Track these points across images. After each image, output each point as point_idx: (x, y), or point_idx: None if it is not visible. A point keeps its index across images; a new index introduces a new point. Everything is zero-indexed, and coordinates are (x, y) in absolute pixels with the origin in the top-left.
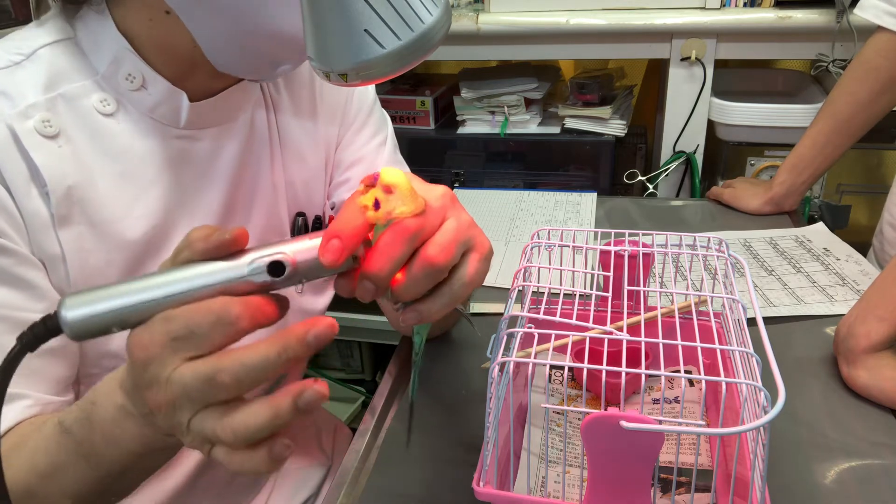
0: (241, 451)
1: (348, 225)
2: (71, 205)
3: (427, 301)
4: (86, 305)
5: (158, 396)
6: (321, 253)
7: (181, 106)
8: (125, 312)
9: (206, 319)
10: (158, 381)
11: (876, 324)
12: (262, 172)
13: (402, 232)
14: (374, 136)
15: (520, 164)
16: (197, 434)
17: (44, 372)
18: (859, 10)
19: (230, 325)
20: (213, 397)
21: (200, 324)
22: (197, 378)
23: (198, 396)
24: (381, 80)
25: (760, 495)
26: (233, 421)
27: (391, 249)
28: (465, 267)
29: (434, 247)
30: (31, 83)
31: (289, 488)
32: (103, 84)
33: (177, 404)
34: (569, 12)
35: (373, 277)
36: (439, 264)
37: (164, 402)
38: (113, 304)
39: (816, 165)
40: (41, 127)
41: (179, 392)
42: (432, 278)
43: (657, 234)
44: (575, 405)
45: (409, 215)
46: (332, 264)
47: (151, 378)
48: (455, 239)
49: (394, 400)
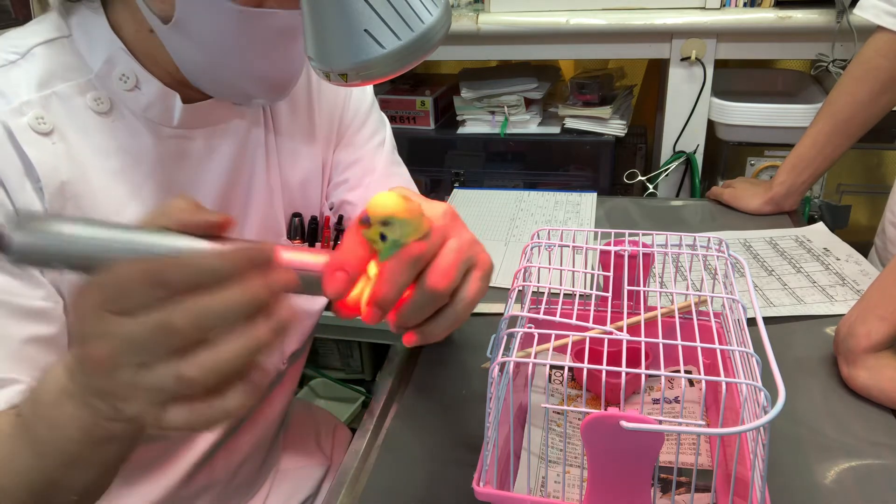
0: (207, 397)
1: (352, 256)
2: (64, 201)
3: (431, 323)
4: (37, 234)
5: (96, 351)
6: (325, 284)
7: (174, 106)
8: (73, 254)
9: (142, 279)
10: (95, 334)
11: (876, 323)
12: (257, 172)
13: (407, 258)
14: (372, 136)
15: (520, 164)
16: (149, 389)
17: (37, 361)
18: (859, 10)
19: (165, 287)
20: (165, 344)
21: (135, 283)
22: (144, 325)
23: (145, 344)
24: (381, 80)
25: (760, 495)
26: (199, 357)
27: (396, 276)
28: (466, 286)
29: (436, 273)
30: (25, 81)
31: (287, 488)
32: (97, 83)
33: (118, 356)
34: (569, 12)
35: (378, 302)
36: (442, 290)
37: (104, 355)
38: (63, 240)
39: (816, 165)
40: (35, 124)
41: (121, 342)
42: (435, 304)
43: (657, 234)
44: (575, 405)
45: (413, 239)
46: (335, 296)
47: (88, 332)
48: (457, 261)
49: (394, 400)
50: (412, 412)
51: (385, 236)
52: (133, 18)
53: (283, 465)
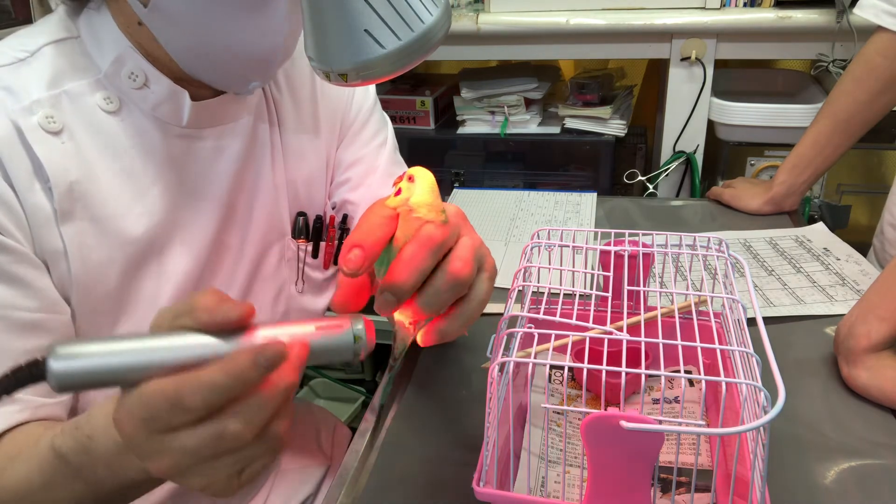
0: (245, 448)
1: (370, 235)
2: (73, 200)
3: (447, 321)
4: (74, 359)
5: (160, 466)
6: (342, 262)
7: (183, 105)
8: (112, 373)
9: (164, 404)
10: (152, 453)
11: (876, 324)
12: (263, 172)
13: (428, 242)
14: (374, 136)
15: (520, 164)
16: (212, 473)
17: None
18: (859, 10)
19: (187, 411)
20: (220, 447)
21: (160, 406)
22: (199, 437)
23: (202, 451)
24: (381, 80)
25: (760, 495)
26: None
27: (416, 260)
28: (480, 285)
29: (458, 261)
30: (35, 80)
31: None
32: (106, 82)
33: (182, 465)
34: (569, 12)
35: (395, 288)
36: (464, 277)
37: (168, 467)
38: (101, 362)
39: (816, 165)
40: (45, 123)
41: (180, 455)
42: (455, 292)
43: (657, 234)
44: (575, 405)
45: (433, 220)
46: (352, 273)
47: (144, 452)
48: (473, 255)
49: (394, 400)
50: (412, 412)
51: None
52: (123, 13)
53: (283, 465)
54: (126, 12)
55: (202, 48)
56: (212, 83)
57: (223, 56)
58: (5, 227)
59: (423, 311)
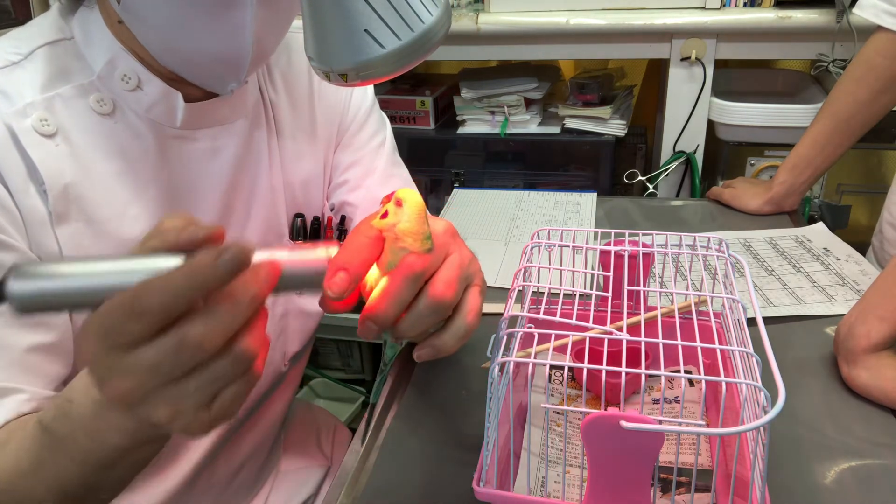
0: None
1: (355, 258)
2: (68, 203)
3: (442, 336)
4: (33, 280)
5: (121, 386)
6: (326, 285)
7: (177, 106)
8: (76, 294)
9: (122, 312)
10: (112, 371)
11: (876, 324)
12: (260, 173)
13: (408, 273)
14: (372, 137)
15: (520, 164)
16: (185, 397)
17: (40, 368)
18: (859, 10)
19: (143, 315)
20: (188, 360)
21: (119, 317)
22: (159, 349)
23: (165, 364)
24: (381, 80)
25: (760, 495)
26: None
27: (397, 292)
28: (468, 301)
29: (440, 284)
30: (29, 82)
31: (288, 488)
32: (99, 84)
33: (145, 383)
34: (569, 12)
35: (376, 318)
36: (447, 300)
37: (130, 388)
38: (64, 283)
39: (816, 165)
40: (39, 126)
41: (142, 370)
42: (437, 315)
43: (657, 234)
44: (575, 405)
45: (418, 250)
46: (337, 296)
47: (104, 372)
48: (458, 275)
49: (394, 400)
50: (412, 412)
51: (386, 214)
52: (107, 12)
53: (283, 466)
54: (109, 11)
55: (174, 46)
56: (193, 80)
57: (194, 56)
58: (5, 228)
59: (407, 335)
